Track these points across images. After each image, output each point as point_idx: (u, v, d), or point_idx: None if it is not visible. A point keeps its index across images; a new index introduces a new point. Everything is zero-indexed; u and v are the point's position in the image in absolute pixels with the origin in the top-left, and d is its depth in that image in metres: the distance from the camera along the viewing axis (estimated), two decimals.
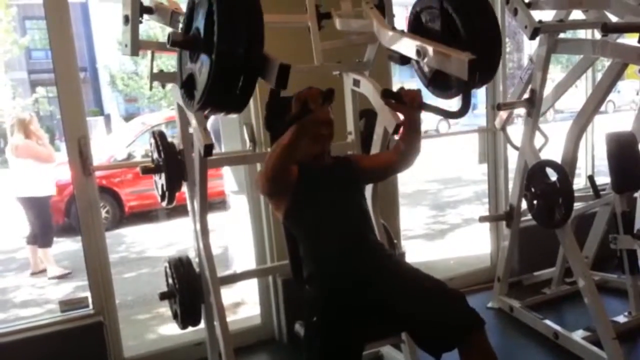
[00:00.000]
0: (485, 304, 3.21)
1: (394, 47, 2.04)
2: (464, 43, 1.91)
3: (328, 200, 1.98)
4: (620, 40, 2.85)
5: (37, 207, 4.84)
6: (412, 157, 2.03)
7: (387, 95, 1.87)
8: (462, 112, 1.74)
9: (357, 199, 2.07)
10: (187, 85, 1.61)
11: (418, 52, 1.86)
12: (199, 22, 1.51)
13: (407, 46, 1.95)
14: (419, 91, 1.85)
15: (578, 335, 2.68)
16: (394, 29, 2.09)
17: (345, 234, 1.95)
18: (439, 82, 2.16)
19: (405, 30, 2.19)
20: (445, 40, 1.91)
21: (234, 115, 2.17)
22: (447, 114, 1.81)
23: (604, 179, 3.33)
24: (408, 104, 1.86)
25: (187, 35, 1.56)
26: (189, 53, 1.59)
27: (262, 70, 1.53)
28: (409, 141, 1.99)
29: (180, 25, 1.86)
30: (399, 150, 2.04)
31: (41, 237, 4.96)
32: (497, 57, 2.09)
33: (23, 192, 4.80)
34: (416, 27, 2.21)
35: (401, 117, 1.97)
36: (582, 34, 3.75)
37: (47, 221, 4.99)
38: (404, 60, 2.03)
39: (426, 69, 2.22)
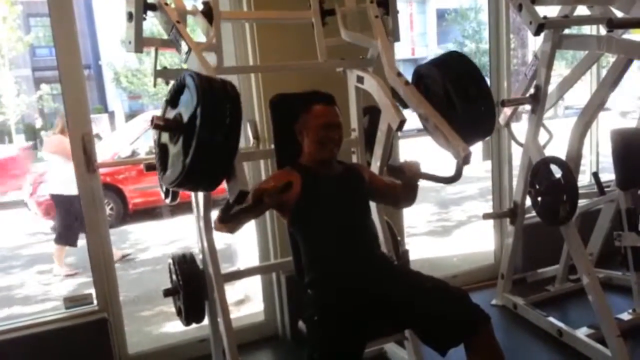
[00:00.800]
0: (489, 301, 3.21)
1: (398, 91, 2.13)
2: (461, 118, 2.14)
3: (335, 210, 1.98)
4: (626, 36, 2.84)
5: (65, 204, 4.81)
6: (408, 204, 2.16)
7: (391, 169, 2.08)
8: (454, 179, 1.94)
9: (362, 209, 2.07)
10: (161, 152, 1.79)
11: (420, 116, 2.03)
12: (183, 110, 1.67)
13: (411, 103, 2.08)
14: (418, 163, 2.00)
15: (582, 332, 2.67)
16: (399, 74, 2.14)
17: (348, 241, 1.96)
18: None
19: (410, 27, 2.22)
20: (444, 106, 2.14)
21: None
22: (441, 180, 1.99)
23: (608, 175, 3.32)
24: (408, 175, 1.99)
25: (169, 119, 1.72)
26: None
27: (229, 177, 1.70)
28: (406, 196, 2.10)
29: (183, 50, 1.94)
30: (398, 194, 2.11)
31: (65, 234, 4.97)
32: (487, 132, 2.37)
33: (53, 188, 4.77)
34: (418, 83, 2.35)
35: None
36: (587, 29, 3.73)
37: (72, 220, 4.92)
38: (404, 104, 2.14)
39: None
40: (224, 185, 1.74)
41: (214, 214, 2.33)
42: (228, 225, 1.84)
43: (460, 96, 2.19)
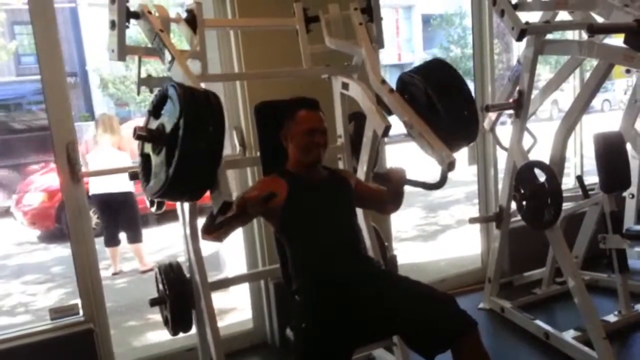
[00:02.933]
0: (477, 305, 3.22)
1: (382, 99, 2.14)
2: (444, 125, 2.17)
3: (322, 216, 1.99)
4: (607, 41, 2.88)
5: (128, 202, 4.78)
6: (393, 210, 2.20)
7: (377, 177, 2.06)
8: (439, 185, 1.95)
9: (348, 214, 2.08)
10: (144, 162, 1.81)
11: (405, 123, 2.04)
12: (165, 120, 1.68)
13: (395, 110, 2.09)
14: (403, 170, 2.01)
15: (569, 335, 2.69)
16: (383, 82, 2.16)
17: (335, 246, 1.96)
18: None
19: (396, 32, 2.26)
20: (428, 112, 2.18)
21: None
22: (427, 186, 2.00)
23: (592, 178, 3.36)
24: (394, 182, 2.00)
25: (151, 130, 1.73)
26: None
27: (212, 187, 1.71)
28: (392, 202, 2.13)
29: (167, 59, 1.94)
30: (384, 200, 2.14)
31: (134, 233, 4.92)
32: (472, 139, 2.42)
33: (113, 187, 4.66)
34: (403, 90, 2.37)
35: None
36: (569, 35, 3.78)
37: (137, 215, 4.94)
38: (389, 111, 2.14)
39: None
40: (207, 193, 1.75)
41: (200, 221, 2.33)
42: (213, 235, 1.84)
43: (442, 102, 2.22)
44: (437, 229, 6.00)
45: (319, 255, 1.95)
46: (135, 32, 2.65)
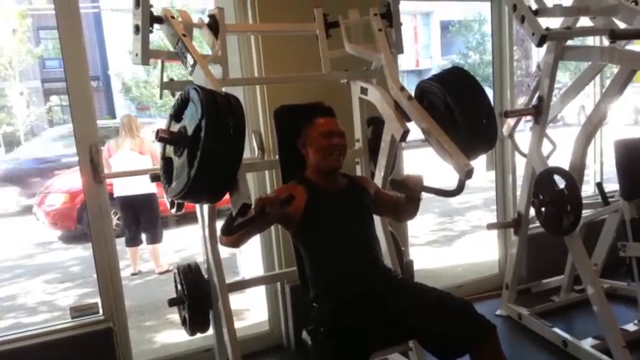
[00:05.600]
0: (494, 312, 3.20)
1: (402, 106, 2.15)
2: (462, 134, 2.16)
3: (337, 223, 2.00)
4: (629, 47, 2.85)
5: (148, 203, 4.85)
6: (410, 217, 2.23)
7: (394, 183, 2.08)
8: (456, 193, 1.95)
9: (366, 224, 2.08)
10: (166, 165, 1.83)
11: (423, 130, 2.05)
12: (187, 123, 1.70)
13: (414, 117, 2.09)
14: (421, 177, 2.03)
15: (587, 343, 2.66)
16: (402, 89, 2.16)
17: (352, 256, 1.97)
18: None
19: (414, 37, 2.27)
20: (446, 123, 2.14)
21: None
22: (444, 194, 2.00)
23: (613, 186, 3.32)
24: (411, 189, 2.03)
25: (173, 132, 1.76)
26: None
27: (232, 190, 1.72)
28: (409, 210, 2.15)
29: (189, 63, 1.97)
30: (401, 208, 2.16)
31: (153, 233, 4.98)
32: (490, 145, 2.39)
33: (135, 189, 4.74)
34: (422, 98, 2.37)
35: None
36: (590, 41, 3.74)
37: (158, 217, 4.99)
38: (408, 118, 2.14)
39: None
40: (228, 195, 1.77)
41: (219, 223, 2.36)
42: (232, 238, 1.86)
43: (461, 111, 2.22)
44: (454, 235, 5.96)
45: (335, 265, 1.95)
46: (157, 38, 2.70)
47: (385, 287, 1.91)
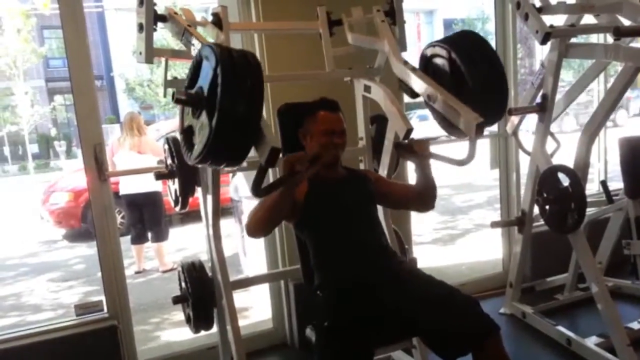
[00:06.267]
0: (498, 310, 3.20)
1: (405, 81, 2.09)
2: (471, 94, 2.02)
3: (341, 212, 2.00)
4: (633, 44, 2.84)
5: (153, 201, 4.85)
6: (428, 199, 2.05)
7: (399, 147, 1.96)
8: (467, 161, 1.85)
9: (369, 211, 2.08)
10: (187, 134, 1.71)
11: (429, 97, 1.95)
12: (203, 82, 1.61)
13: (419, 86, 2.02)
14: (427, 141, 1.93)
15: (591, 341, 2.66)
16: (406, 63, 2.12)
17: (356, 242, 1.97)
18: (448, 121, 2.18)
19: (418, 41, 2.23)
20: (454, 87, 2.02)
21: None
22: (453, 162, 1.90)
23: (617, 184, 3.31)
24: (418, 154, 1.92)
25: (190, 93, 1.65)
26: (191, 109, 1.68)
27: (256, 141, 1.62)
28: (422, 184, 2.02)
29: (193, 49, 1.94)
30: (415, 191, 2.06)
31: (157, 232, 4.98)
32: (502, 108, 2.20)
33: (139, 188, 4.74)
34: (426, 68, 2.29)
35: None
36: (594, 38, 3.73)
37: (162, 215, 5.00)
38: (414, 94, 2.08)
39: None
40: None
41: (223, 222, 2.37)
42: (260, 216, 1.81)
43: (469, 68, 2.09)
44: (457, 233, 5.96)
45: (337, 253, 1.96)
46: (161, 37, 2.70)
47: (389, 281, 1.89)
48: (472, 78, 2.07)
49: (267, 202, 1.81)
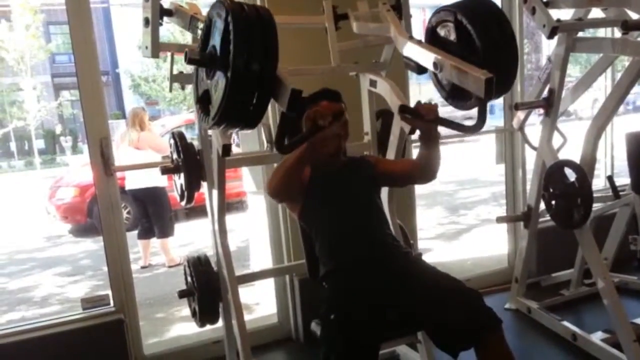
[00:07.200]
0: (503, 305, 3.19)
1: (411, 56, 2.05)
2: (481, 55, 1.95)
3: (342, 199, 2.01)
4: None
5: (156, 197, 4.84)
6: (431, 168, 1.95)
7: (404, 110, 1.86)
8: (477, 127, 1.77)
9: (371, 197, 2.08)
10: (203, 100, 1.66)
11: (435, 65, 1.89)
12: (216, 40, 1.56)
13: (424, 57, 1.98)
14: (435, 105, 1.83)
15: (597, 337, 2.65)
16: (411, 37, 2.10)
17: (360, 231, 1.97)
18: (457, 93, 2.15)
19: (423, 39, 2.20)
20: (463, 53, 1.94)
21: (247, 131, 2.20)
22: (463, 129, 1.83)
23: (623, 179, 3.29)
24: (425, 118, 1.81)
25: (203, 53, 1.61)
26: (205, 70, 1.64)
27: (274, 91, 1.56)
28: (427, 153, 1.92)
29: (199, 32, 1.92)
30: (418, 162, 2.00)
31: (161, 227, 4.97)
32: (514, 69, 2.11)
33: (143, 183, 4.72)
34: (433, 40, 2.22)
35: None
36: (601, 32, 3.71)
37: (166, 211, 4.99)
38: (420, 69, 2.02)
39: (444, 81, 2.23)
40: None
41: (228, 217, 2.37)
42: (283, 172, 1.81)
43: (472, 22, 2.00)
44: (462, 229, 5.95)
45: (341, 238, 1.97)
46: (166, 32, 2.70)
47: (394, 271, 1.89)
48: (480, 37, 1.97)
49: (288, 161, 1.81)
